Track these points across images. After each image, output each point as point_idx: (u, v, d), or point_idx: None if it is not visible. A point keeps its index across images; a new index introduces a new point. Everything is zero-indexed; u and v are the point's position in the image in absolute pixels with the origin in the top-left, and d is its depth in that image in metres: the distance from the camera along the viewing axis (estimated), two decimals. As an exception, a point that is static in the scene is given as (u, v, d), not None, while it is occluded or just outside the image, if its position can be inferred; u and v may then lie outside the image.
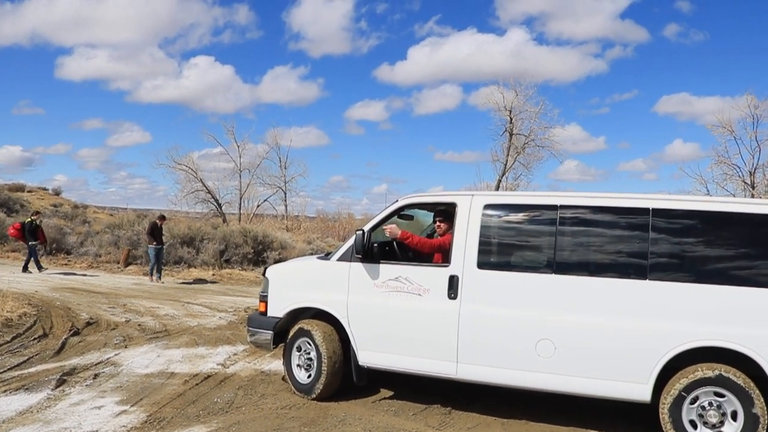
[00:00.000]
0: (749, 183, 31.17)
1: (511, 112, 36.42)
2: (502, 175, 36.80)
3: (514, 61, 57.68)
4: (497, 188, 35.05)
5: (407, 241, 7.52)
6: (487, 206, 7.03)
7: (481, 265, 6.86)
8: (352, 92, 74.16)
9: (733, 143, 32.49)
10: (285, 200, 41.59)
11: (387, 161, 73.94)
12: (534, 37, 66.25)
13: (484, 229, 6.95)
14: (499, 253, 7.00)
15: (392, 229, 7.47)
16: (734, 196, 28.87)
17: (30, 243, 19.77)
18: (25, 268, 19.69)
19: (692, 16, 60.18)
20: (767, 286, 5.97)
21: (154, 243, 19.38)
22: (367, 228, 7.39)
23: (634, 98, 61.99)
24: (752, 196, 28.84)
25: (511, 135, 36.63)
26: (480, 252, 6.89)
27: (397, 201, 7.67)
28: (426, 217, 8.77)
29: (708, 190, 31.45)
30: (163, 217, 20.88)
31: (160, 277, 19.61)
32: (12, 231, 20.38)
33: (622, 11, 72.02)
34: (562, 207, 6.71)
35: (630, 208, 6.50)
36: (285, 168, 41.32)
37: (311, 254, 26.70)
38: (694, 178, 33.55)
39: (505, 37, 65.13)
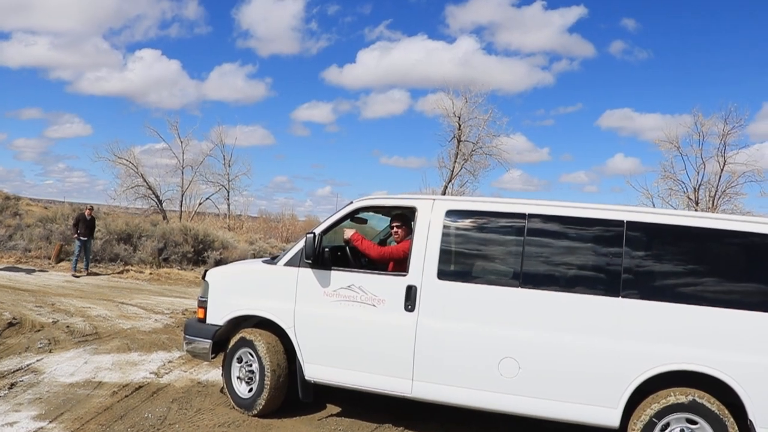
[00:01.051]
0: (693, 199, 31.72)
1: (460, 118, 36.31)
2: (449, 182, 36.72)
3: (463, 69, 57.65)
4: (443, 194, 34.84)
5: (355, 243, 7.05)
6: (450, 212, 6.56)
7: (442, 275, 6.38)
8: (299, 93, 73.08)
9: (679, 159, 33.14)
10: (228, 199, 40.62)
11: (332, 164, 73.34)
12: (483, 47, 66.49)
13: (446, 236, 6.48)
14: (462, 263, 6.53)
15: (345, 230, 7.06)
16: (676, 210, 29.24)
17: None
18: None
19: (637, 34, 61.36)
20: (746, 308, 5.67)
21: (77, 234, 18.92)
22: (318, 231, 6.84)
23: (578, 111, 62.72)
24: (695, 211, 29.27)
25: (459, 142, 36.50)
26: (441, 261, 6.41)
27: (351, 203, 7.12)
28: (374, 221, 8.30)
29: (654, 205, 31.87)
30: (91, 208, 20.17)
31: (80, 267, 19.14)
32: None
33: (569, 26, 73.11)
34: (531, 216, 6.28)
35: (602, 220, 6.12)
36: (229, 166, 40.34)
37: (254, 255, 25.96)
38: (640, 191, 34.03)
39: (454, 45, 65.11)
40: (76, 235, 19.06)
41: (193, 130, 52.77)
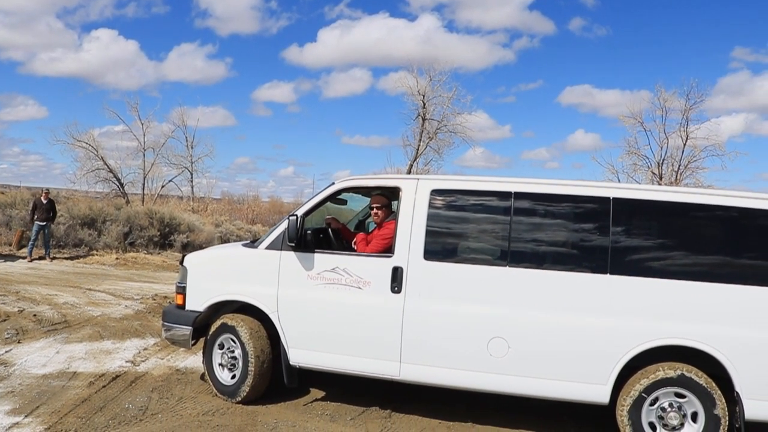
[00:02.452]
0: (657, 174, 32.16)
1: (424, 97, 36.18)
2: (414, 160, 36.65)
3: (424, 47, 57.71)
4: (408, 173, 34.75)
5: (357, 245, 6.98)
6: (435, 191, 6.44)
7: (428, 255, 6.29)
8: (260, 73, 72.51)
9: (642, 134, 33.52)
10: (191, 181, 40.02)
11: (294, 144, 72.95)
12: (444, 24, 66.41)
13: (432, 216, 6.37)
14: (448, 242, 6.43)
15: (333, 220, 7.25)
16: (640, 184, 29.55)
17: None
18: None
19: (596, 11, 62.26)
20: (730, 282, 5.71)
21: (36, 219, 18.67)
22: (300, 213, 6.67)
23: (539, 88, 63.56)
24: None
25: (423, 120, 36.42)
26: (427, 241, 6.31)
27: (333, 184, 6.96)
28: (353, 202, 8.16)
29: (619, 180, 32.25)
30: (47, 191, 19.75)
31: (41, 254, 19.01)
32: None
33: (529, 3, 73.32)
34: (517, 194, 6.20)
35: (589, 197, 6.08)
36: (191, 148, 39.70)
37: (221, 238, 25.64)
38: (605, 167, 34.37)
39: (416, 23, 65.04)
40: (31, 222, 18.85)
41: (154, 111, 51.96)
